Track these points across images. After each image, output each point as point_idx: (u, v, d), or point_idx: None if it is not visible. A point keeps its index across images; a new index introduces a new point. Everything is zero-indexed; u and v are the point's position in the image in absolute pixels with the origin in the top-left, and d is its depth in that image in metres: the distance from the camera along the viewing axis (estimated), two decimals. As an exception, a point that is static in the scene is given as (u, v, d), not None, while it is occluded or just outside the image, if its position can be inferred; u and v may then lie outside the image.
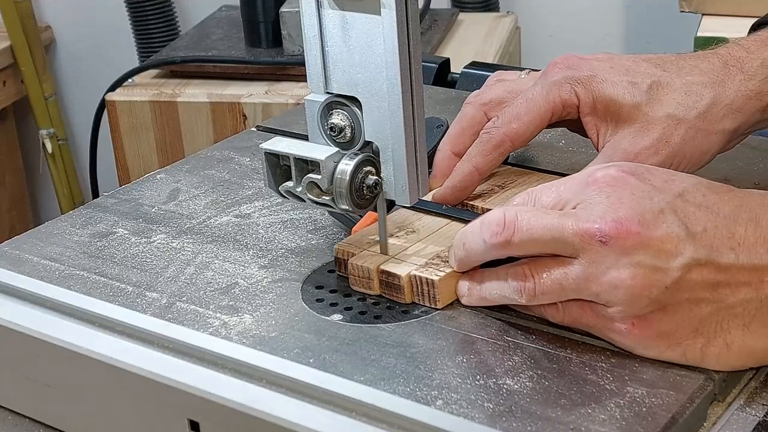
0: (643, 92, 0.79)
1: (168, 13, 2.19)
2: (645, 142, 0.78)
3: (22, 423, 0.72)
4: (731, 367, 0.65)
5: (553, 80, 0.81)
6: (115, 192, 0.93)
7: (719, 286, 0.64)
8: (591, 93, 0.80)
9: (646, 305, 0.64)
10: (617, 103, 0.79)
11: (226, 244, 0.83)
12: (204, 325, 0.71)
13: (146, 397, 0.65)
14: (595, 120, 0.81)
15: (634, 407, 0.61)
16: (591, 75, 0.80)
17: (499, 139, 0.81)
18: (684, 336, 0.65)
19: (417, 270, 0.73)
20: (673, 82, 0.80)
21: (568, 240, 0.65)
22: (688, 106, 0.79)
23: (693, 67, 0.81)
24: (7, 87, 2.24)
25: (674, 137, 0.78)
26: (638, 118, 0.79)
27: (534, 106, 0.81)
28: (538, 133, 0.82)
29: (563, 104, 0.81)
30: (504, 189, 0.85)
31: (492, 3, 2.08)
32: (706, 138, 0.79)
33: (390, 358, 0.67)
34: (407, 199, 0.73)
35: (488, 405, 0.62)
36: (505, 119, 0.81)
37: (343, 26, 0.71)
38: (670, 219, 0.65)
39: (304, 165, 0.73)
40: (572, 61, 0.82)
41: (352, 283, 0.75)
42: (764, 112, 0.81)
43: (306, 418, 0.60)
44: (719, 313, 0.64)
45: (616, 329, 0.65)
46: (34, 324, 0.70)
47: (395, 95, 0.70)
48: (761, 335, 0.65)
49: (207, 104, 1.68)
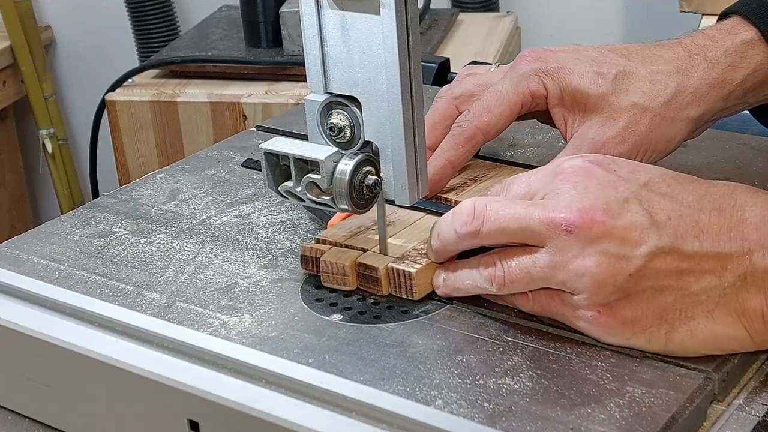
0: (609, 82, 0.81)
1: (168, 13, 2.19)
2: (612, 132, 0.80)
3: (22, 423, 0.72)
4: (695, 353, 0.66)
5: (522, 72, 0.83)
6: (114, 192, 0.93)
7: (683, 273, 0.65)
8: (558, 84, 0.82)
9: (611, 293, 0.65)
10: (584, 93, 0.81)
11: (226, 244, 0.83)
12: (204, 325, 0.71)
13: (146, 397, 0.65)
14: (563, 111, 0.82)
15: (634, 407, 0.61)
16: (558, 66, 0.82)
17: (471, 132, 0.82)
18: (648, 323, 0.65)
19: (394, 262, 0.73)
20: (638, 71, 0.81)
21: (535, 229, 0.66)
22: (653, 94, 0.80)
23: (657, 57, 0.83)
24: (7, 87, 2.24)
25: (640, 126, 0.80)
26: (605, 107, 0.81)
27: (504, 99, 0.82)
28: (509, 125, 0.84)
29: (532, 96, 0.82)
30: (476, 182, 0.86)
31: (492, 3, 2.08)
32: (671, 126, 0.81)
33: (390, 358, 0.67)
34: (407, 199, 0.73)
35: (488, 405, 0.62)
36: (476, 112, 0.83)
37: (343, 26, 0.71)
38: (634, 208, 0.66)
39: (303, 165, 0.73)
40: (540, 54, 0.84)
41: (324, 280, 0.75)
42: (727, 100, 0.82)
43: (306, 418, 0.60)
44: (683, 301, 0.65)
45: (582, 317, 0.66)
46: (34, 324, 0.70)
47: (395, 95, 0.70)
48: (725, 323, 0.65)
49: (207, 104, 1.68)
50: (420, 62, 0.71)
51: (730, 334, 0.65)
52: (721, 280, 0.65)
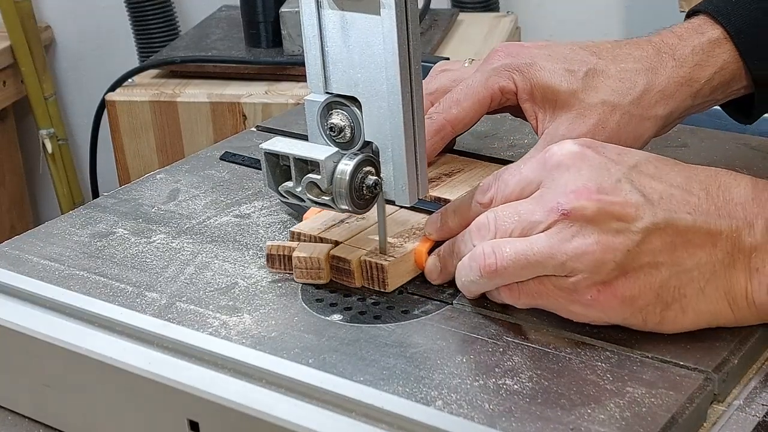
0: (580, 79, 0.82)
1: (168, 13, 2.18)
2: (582, 128, 0.81)
3: (22, 423, 0.72)
4: (683, 329, 0.67)
5: (493, 67, 0.84)
6: (114, 192, 0.93)
7: (677, 248, 0.66)
8: (529, 80, 0.83)
9: (611, 269, 0.65)
10: (554, 89, 0.82)
11: (226, 244, 0.83)
12: (204, 325, 0.71)
13: (146, 398, 0.65)
14: (534, 106, 0.84)
15: (634, 407, 0.61)
16: (529, 63, 0.83)
17: (439, 124, 0.84)
18: (645, 301, 0.66)
19: (367, 255, 0.74)
20: (608, 69, 0.83)
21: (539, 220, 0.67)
22: (622, 92, 0.82)
23: (627, 55, 0.84)
24: (7, 87, 2.24)
25: (610, 123, 0.81)
26: (575, 104, 0.82)
27: (473, 93, 0.84)
28: (478, 119, 0.85)
29: (502, 91, 0.84)
30: (450, 177, 0.87)
31: (492, 3, 2.08)
32: (640, 123, 0.82)
33: (389, 359, 0.67)
34: (407, 199, 0.73)
35: (488, 405, 0.62)
36: (446, 105, 0.84)
37: (343, 26, 0.71)
38: (627, 187, 0.67)
39: (303, 165, 0.73)
40: (512, 49, 0.85)
41: (297, 276, 0.76)
42: (695, 98, 0.84)
43: (306, 418, 0.60)
44: (678, 278, 0.66)
45: (579, 300, 0.67)
46: (34, 324, 0.70)
47: (395, 95, 0.70)
48: (713, 300, 0.67)
49: (207, 104, 1.68)
50: (420, 62, 0.71)
51: (717, 310, 0.67)
52: (711, 257, 0.66)
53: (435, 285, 0.75)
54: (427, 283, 0.75)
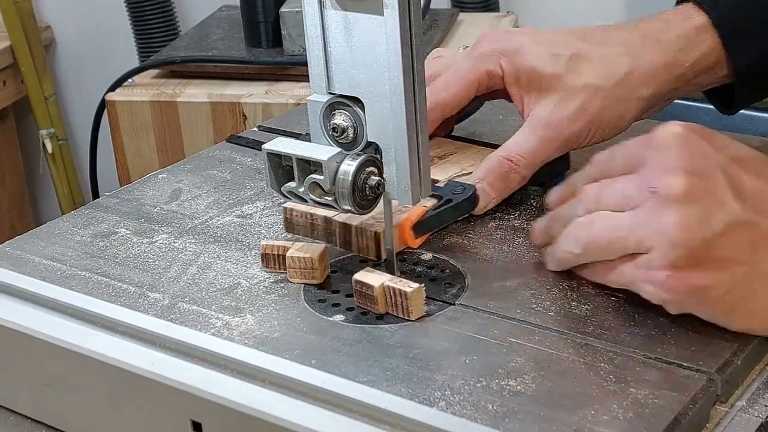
0: (564, 63, 0.84)
1: (168, 14, 2.18)
2: (566, 111, 0.84)
3: (23, 423, 0.71)
4: (750, 330, 0.68)
5: (480, 53, 0.87)
6: (116, 192, 0.93)
7: (758, 248, 0.66)
8: (515, 65, 0.85)
9: (683, 254, 0.65)
10: (539, 73, 0.84)
11: (228, 245, 0.83)
12: (206, 326, 0.71)
13: (148, 398, 0.65)
14: (519, 90, 0.86)
15: (637, 408, 0.61)
16: (515, 48, 0.86)
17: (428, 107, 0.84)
18: (716, 295, 0.66)
19: (391, 281, 0.72)
20: (592, 53, 0.85)
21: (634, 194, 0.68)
22: (605, 76, 0.84)
23: (612, 39, 0.87)
24: (7, 87, 2.23)
25: (593, 106, 0.84)
26: (559, 87, 0.84)
27: (461, 77, 0.86)
28: (467, 102, 0.88)
29: (489, 75, 0.86)
30: (443, 159, 0.89)
31: (492, 3, 2.08)
32: (623, 105, 0.84)
33: (392, 359, 0.67)
34: (410, 199, 0.73)
35: (491, 406, 0.62)
36: (435, 88, 0.87)
37: (346, 26, 0.71)
38: (720, 177, 0.67)
39: (306, 165, 0.73)
40: (499, 36, 0.88)
41: (291, 276, 0.76)
42: (678, 81, 0.86)
43: (308, 419, 0.60)
44: (752, 277, 0.66)
45: (652, 279, 0.67)
46: (36, 324, 0.69)
47: (398, 96, 0.70)
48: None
49: (207, 104, 1.68)
50: (423, 62, 0.71)
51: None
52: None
53: (439, 285, 0.75)
54: (430, 285, 0.75)
